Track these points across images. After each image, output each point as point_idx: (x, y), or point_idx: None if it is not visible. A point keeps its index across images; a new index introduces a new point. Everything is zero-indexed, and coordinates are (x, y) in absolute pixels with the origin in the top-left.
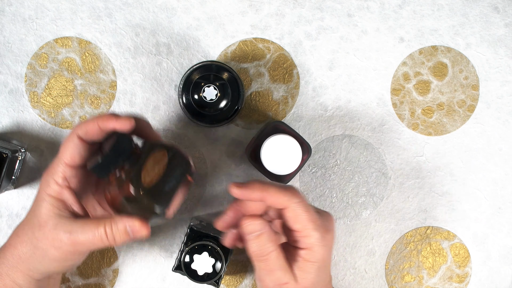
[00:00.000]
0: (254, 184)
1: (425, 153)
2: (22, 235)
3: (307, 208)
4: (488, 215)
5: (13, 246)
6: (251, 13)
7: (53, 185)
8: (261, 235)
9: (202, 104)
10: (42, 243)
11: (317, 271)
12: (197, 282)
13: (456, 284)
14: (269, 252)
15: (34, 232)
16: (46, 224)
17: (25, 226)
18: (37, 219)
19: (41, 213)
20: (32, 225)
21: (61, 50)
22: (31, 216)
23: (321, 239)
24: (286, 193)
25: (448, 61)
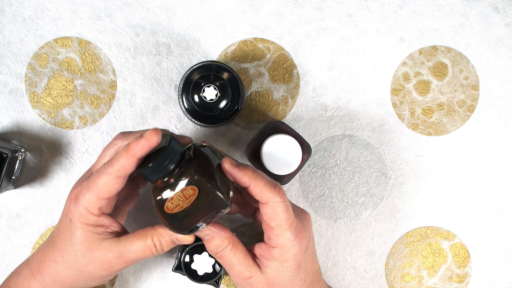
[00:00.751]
0: (247, 170)
1: (425, 153)
2: (61, 262)
3: (287, 209)
4: (488, 215)
5: (54, 273)
6: (251, 13)
7: (89, 216)
8: (212, 237)
9: (202, 104)
10: (89, 267)
11: (290, 270)
12: (197, 282)
13: (456, 284)
14: (223, 248)
15: (77, 259)
16: (90, 250)
17: (63, 253)
18: (78, 246)
19: (81, 241)
20: (72, 252)
21: (61, 50)
22: (66, 243)
23: (292, 239)
24: (272, 190)
25: (448, 61)
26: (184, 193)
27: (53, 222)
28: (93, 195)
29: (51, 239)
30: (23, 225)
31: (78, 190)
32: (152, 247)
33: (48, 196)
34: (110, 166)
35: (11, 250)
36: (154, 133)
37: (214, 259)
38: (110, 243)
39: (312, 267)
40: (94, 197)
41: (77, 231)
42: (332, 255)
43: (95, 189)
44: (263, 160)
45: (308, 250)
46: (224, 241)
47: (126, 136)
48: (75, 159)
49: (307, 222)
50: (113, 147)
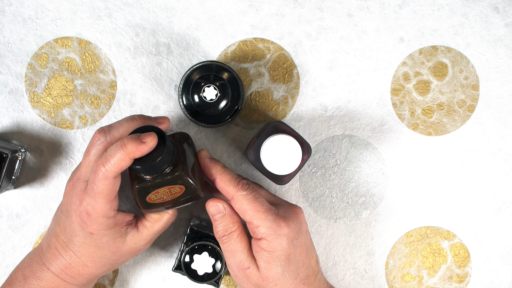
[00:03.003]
0: (217, 164)
1: (425, 153)
2: (92, 264)
3: (254, 199)
4: (488, 215)
5: (87, 274)
6: (251, 13)
7: (109, 221)
8: (224, 216)
9: (202, 104)
10: (121, 260)
11: (279, 261)
12: (197, 282)
13: (456, 284)
14: (231, 231)
15: (109, 259)
16: (119, 249)
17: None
18: (106, 251)
19: (108, 245)
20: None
21: (61, 50)
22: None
23: (275, 227)
24: (236, 184)
25: (448, 61)
26: (172, 190)
27: None
28: (103, 203)
29: (68, 247)
30: (23, 225)
31: (85, 204)
32: (169, 219)
33: (48, 196)
34: (107, 169)
35: (11, 250)
36: (154, 139)
37: (214, 259)
38: (133, 236)
39: (305, 261)
40: (105, 204)
41: (102, 239)
42: (332, 255)
43: (103, 197)
44: (263, 160)
45: (298, 242)
46: (234, 224)
47: (107, 131)
48: (75, 159)
49: (295, 215)
50: (96, 145)
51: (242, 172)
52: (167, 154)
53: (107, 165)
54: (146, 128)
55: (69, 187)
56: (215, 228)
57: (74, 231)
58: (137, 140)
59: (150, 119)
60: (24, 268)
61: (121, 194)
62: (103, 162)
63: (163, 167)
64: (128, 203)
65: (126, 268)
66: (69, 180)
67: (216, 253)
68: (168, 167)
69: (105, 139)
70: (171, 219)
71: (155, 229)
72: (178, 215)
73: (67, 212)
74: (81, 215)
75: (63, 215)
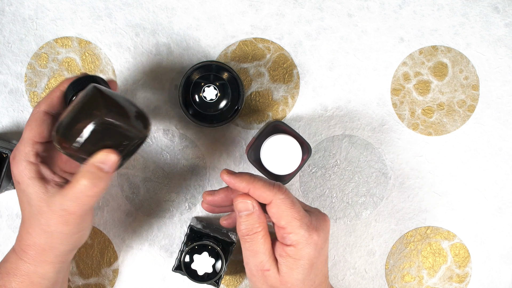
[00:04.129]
0: (244, 175)
1: (425, 153)
2: (32, 230)
3: (293, 205)
4: (488, 215)
5: (32, 244)
6: (251, 13)
7: (30, 166)
8: (251, 214)
9: (202, 104)
10: (52, 227)
11: (303, 269)
12: (197, 282)
13: (456, 284)
14: (256, 231)
15: (40, 221)
16: (43, 208)
17: (30, 221)
18: (34, 208)
19: (35, 199)
20: (34, 216)
21: (61, 50)
22: (27, 209)
23: (306, 237)
24: (272, 188)
25: (448, 61)
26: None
27: None
28: (26, 141)
29: (22, 218)
30: None
31: (14, 149)
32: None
33: None
34: (39, 104)
35: None
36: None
37: (214, 259)
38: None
39: (323, 269)
40: (28, 143)
41: (28, 189)
42: (332, 255)
43: (27, 133)
44: (263, 160)
45: (323, 251)
46: (260, 225)
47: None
48: None
49: (324, 223)
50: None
51: None
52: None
53: (40, 101)
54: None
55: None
56: (239, 225)
57: (17, 194)
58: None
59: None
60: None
61: (121, 194)
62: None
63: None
64: (128, 203)
65: (126, 268)
66: None
67: (216, 253)
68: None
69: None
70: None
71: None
72: (178, 215)
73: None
74: (12, 163)
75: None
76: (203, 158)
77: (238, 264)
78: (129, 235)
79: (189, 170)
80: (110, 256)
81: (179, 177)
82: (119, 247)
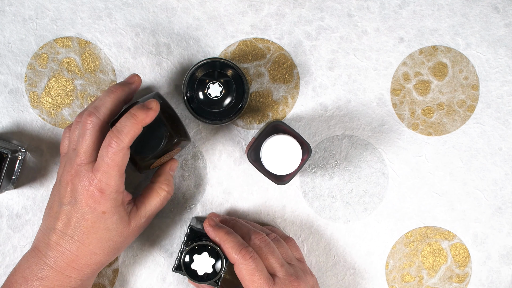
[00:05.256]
0: (220, 232)
1: (425, 153)
2: (102, 251)
3: (253, 273)
4: (488, 215)
5: (95, 262)
6: (251, 13)
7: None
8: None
9: (206, 101)
10: (126, 242)
11: None
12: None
13: (456, 284)
14: None
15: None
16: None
17: (100, 243)
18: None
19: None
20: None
21: (61, 50)
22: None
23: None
24: (238, 252)
25: (448, 61)
26: (171, 154)
27: None
28: (117, 176)
29: (74, 238)
30: (23, 225)
31: (97, 182)
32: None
33: (48, 196)
34: (121, 139)
35: (11, 250)
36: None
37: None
38: (134, 214)
39: None
40: (119, 177)
41: (113, 217)
42: (332, 255)
43: (117, 169)
44: (263, 160)
45: None
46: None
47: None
48: None
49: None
50: (90, 128)
51: (242, 172)
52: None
53: (121, 136)
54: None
55: (72, 175)
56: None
57: (83, 217)
58: (143, 107)
59: (124, 84)
60: (23, 271)
61: None
62: (115, 134)
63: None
64: None
65: (126, 268)
66: (68, 170)
67: (216, 253)
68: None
69: (97, 119)
70: (167, 196)
71: (152, 206)
72: (178, 215)
73: (72, 200)
74: (93, 195)
75: (66, 207)
76: (203, 158)
77: None
78: None
79: (189, 170)
80: None
81: (179, 177)
82: None
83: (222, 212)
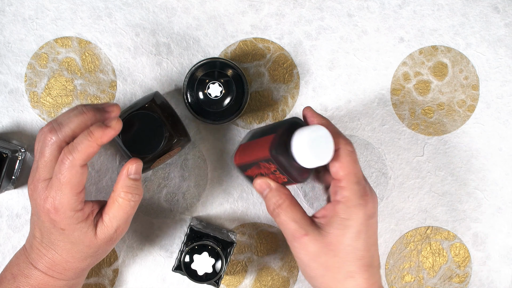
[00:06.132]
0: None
1: (425, 153)
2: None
3: (356, 161)
4: (488, 215)
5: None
6: (251, 13)
7: (77, 215)
8: (271, 191)
9: (206, 101)
10: (99, 251)
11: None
12: (197, 282)
13: (456, 284)
14: (280, 204)
15: (86, 252)
16: (93, 241)
17: (71, 254)
18: (81, 246)
19: (81, 239)
20: (79, 249)
21: (61, 50)
22: (69, 246)
23: (358, 196)
24: (343, 137)
25: (448, 61)
26: (171, 153)
27: None
28: (70, 194)
29: (48, 246)
30: (23, 225)
31: (52, 200)
32: (133, 206)
33: None
34: (75, 157)
35: (11, 250)
36: (119, 122)
37: (214, 259)
38: (101, 227)
39: (371, 248)
40: (72, 195)
41: (74, 233)
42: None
43: (70, 187)
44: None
45: (371, 222)
46: (282, 197)
47: (58, 129)
48: None
49: (375, 197)
50: (49, 145)
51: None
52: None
53: (74, 153)
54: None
55: (31, 190)
56: (267, 205)
57: (48, 230)
58: (102, 126)
59: (98, 110)
60: (12, 267)
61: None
62: (70, 150)
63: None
64: None
65: (126, 268)
66: (29, 183)
67: (216, 253)
68: (164, 140)
69: (57, 138)
70: (132, 204)
71: (118, 217)
72: (178, 215)
73: (36, 214)
74: (48, 213)
75: (35, 217)
76: (203, 158)
77: (238, 264)
78: (129, 235)
79: (189, 170)
80: (110, 256)
81: (179, 177)
82: (119, 247)
83: (221, 212)
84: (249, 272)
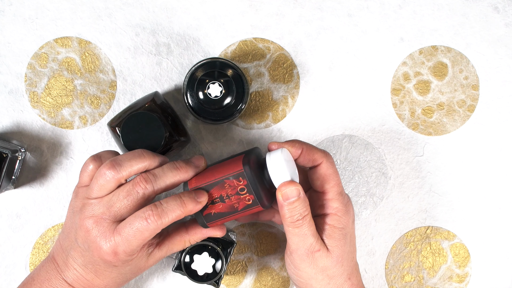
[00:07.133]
0: (294, 140)
1: (425, 153)
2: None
3: (337, 173)
4: (488, 215)
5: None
6: (251, 13)
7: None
8: (299, 199)
9: (206, 101)
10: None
11: (345, 239)
12: (197, 282)
13: (456, 284)
14: (304, 216)
15: (131, 278)
16: (141, 269)
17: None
18: (129, 274)
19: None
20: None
21: (61, 50)
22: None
23: (345, 204)
24: (323, 151)
25: (448, 61)
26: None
27: (53, 222)
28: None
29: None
30: (23, 225)
31: (114, 245)
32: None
33: (48, 196)
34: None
35: (11, 250)
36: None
37: (214, 259)
38: (155, 255)
39: (353, 251)
40: (137, 246)
41: (126, 268)
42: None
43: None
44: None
45: (353, 225)
46: (307, 208)
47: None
48: (75, 159)
49: (350, 200)
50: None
51: None
52: None
53: (164, 219)
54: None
55: (93, 221)
56: (288, 212)
57: (96, 263)
58: (194, 200)
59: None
60: (42, 282)
61: None
62: (160, 215)
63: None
64: None
65: None
66: (89, 212)
67: (216, 253)
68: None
69: (152, 189)
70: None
71: (175, 249)
72: None
73: (86, 244)
74: (104, 254)
75: (81, 244)
76: None
77: (238, 264)
78: None
79: None
80: None
81: None
82: None
83: None
84: (249, 272)
